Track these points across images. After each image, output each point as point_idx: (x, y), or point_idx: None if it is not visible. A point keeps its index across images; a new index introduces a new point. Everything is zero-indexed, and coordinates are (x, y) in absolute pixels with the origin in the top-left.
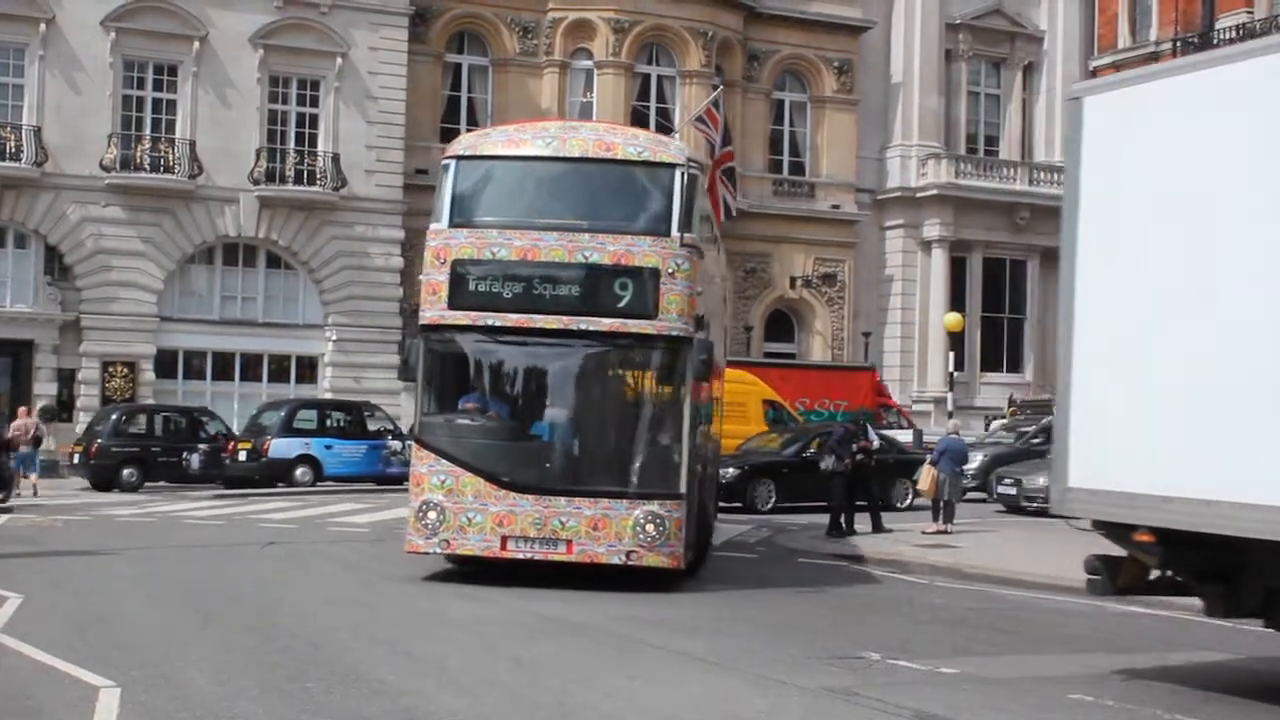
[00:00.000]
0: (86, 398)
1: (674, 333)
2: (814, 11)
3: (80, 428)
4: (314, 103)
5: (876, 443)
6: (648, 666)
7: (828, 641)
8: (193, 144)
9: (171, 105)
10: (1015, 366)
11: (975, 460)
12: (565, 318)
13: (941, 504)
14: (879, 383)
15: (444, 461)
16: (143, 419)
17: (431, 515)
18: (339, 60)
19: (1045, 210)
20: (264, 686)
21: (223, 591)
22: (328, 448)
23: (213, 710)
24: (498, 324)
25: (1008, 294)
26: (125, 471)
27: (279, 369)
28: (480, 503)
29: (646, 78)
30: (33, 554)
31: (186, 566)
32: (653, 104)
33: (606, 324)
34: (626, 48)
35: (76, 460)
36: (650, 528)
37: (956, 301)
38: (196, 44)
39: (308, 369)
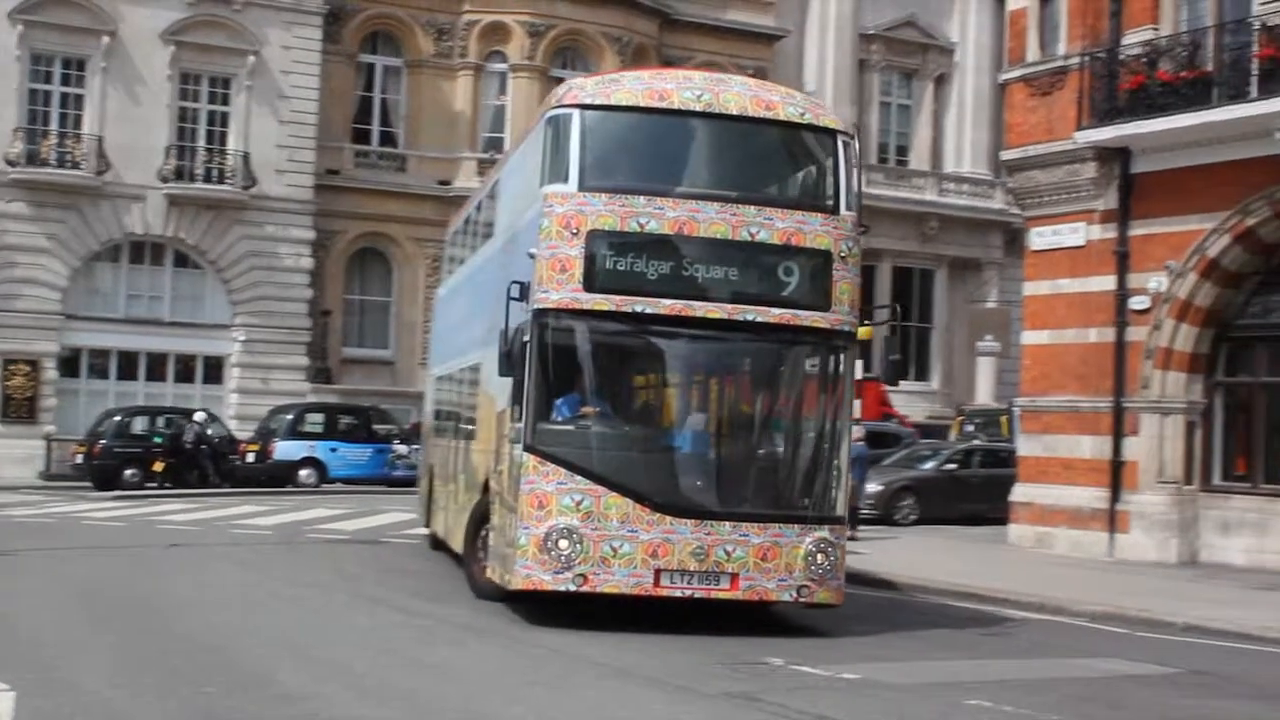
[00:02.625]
0: None
1: (846, 327)
2: (729, 19)
3: None
4: (225, 100)
5: None
6: (550, 672)
7: (731, 648)
8: (100, 140)
9: (79, 100)
10: (923, 375)
11: None
12: (729, 306)
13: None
14: (883, 393)
15: (578, 478)
16: (144, 420)
17: (564, 545)
18: (251, 58)
19: (954, 220)
20: (162, 690)
21: (122, 594)
22: (333, 450)
23: (109, 715)
24: (650, 311)
25: (916, 303)
26: (127, 472)
27: (185, 369)
28: (629, 529)
29: (561, 82)
30: None
31: (86, 568)
32: None
33: (776, 315)
34: (541, 52)
35: (80, 460)
36: (820, 558)
37: (865, 310)
38: (106, 39)
39: (215, 369)
